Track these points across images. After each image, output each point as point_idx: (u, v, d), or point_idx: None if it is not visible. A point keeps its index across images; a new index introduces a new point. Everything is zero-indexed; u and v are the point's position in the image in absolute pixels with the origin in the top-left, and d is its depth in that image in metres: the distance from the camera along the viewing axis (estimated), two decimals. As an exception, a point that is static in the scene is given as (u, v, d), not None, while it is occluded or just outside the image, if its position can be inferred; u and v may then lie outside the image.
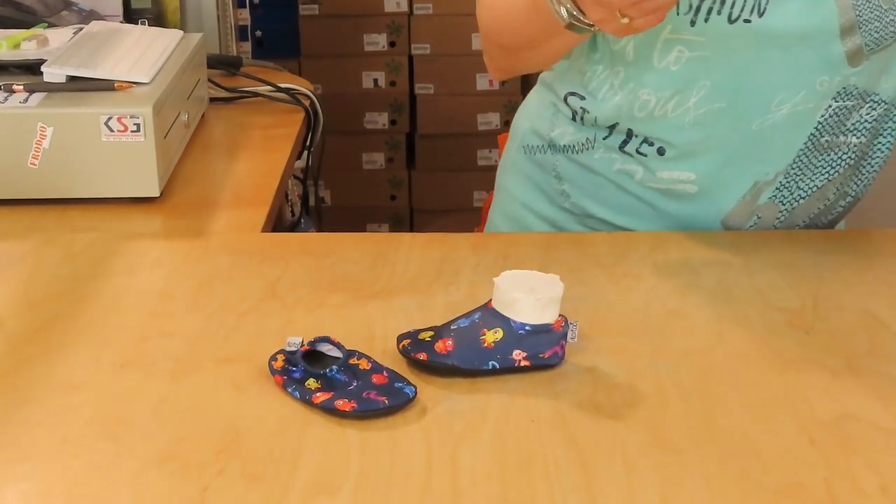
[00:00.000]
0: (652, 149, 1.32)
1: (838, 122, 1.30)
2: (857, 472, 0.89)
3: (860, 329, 1.12)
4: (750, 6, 1.21)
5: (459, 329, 1.03)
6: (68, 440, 0.93)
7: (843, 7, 1.22)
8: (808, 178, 1.32)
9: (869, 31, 1.23)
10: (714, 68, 1.25)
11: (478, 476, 0.88)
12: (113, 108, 1.37)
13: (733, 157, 1.30)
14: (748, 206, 1.33)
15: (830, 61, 1.24)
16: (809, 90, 1.26)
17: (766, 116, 1.27)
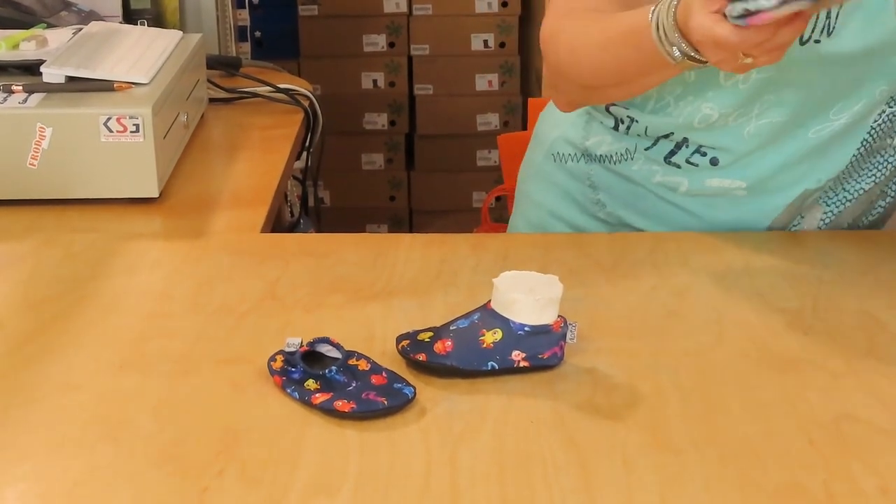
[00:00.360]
0: (704, 159, 1.31)
1: (890, 126, 1.30)
2: (856, 473, 0.89)
3: (859, 330, 1.12)
4: (821, 27, 1.22)
5: (459, 330, 1.03)
6: (68, 441, 0.93)
7: None
8: (854, 182, 1.33)
9: None
10: (780, 85, 1.25)
11: (477, 477, 0.88)
12: (112, 109, 1.36)
13: (787, 164, 1.30)
14: (795, 210, 1.33)
15: (890, 71, 1.25)
16: (869, 99, 1.27)
17: (825, 125, 1.28)
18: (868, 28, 1.22)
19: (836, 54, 1.23)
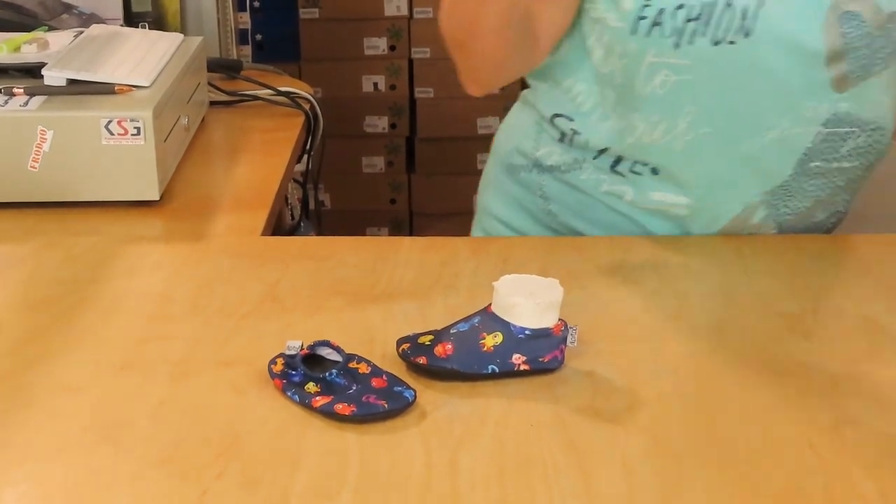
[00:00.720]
0: (646, 168, 1.32)
1: (830, 148, 1.29)
2: (856, 478, 0.89)
3: (860, 334, 1.12)
4: (736, 27, 1.21)
5: (459, 333, 1.03)
6: (67, 443, 0.93)
7: (830, 34, 1.21)
8: (796, 200, 1.32)
9: (857, 57, 1.23)
10: (700, 93, 1.25)
11: (477, 480, 0.88)
12: (113, 112, 1.37)
13: (723, 180, 1.30)
14: (741, 225, 1.33)
15: (816, 87, 1.24)
16: (796, 116, 1.25)
17: (755, 140, 1.27)
18: (790, 36, 1.21)
19: (754, 60, 1.22)
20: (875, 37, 1.22)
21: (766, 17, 1.20)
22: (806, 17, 1.21)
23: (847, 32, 1.21)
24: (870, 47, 1.23)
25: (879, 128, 1.30)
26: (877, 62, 1.24)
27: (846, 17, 1.21)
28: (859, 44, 1.22)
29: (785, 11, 1.21)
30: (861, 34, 1.22)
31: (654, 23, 1.22)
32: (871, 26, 1.22)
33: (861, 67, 1.24)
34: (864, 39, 1.22)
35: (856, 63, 1.23)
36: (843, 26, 1.21)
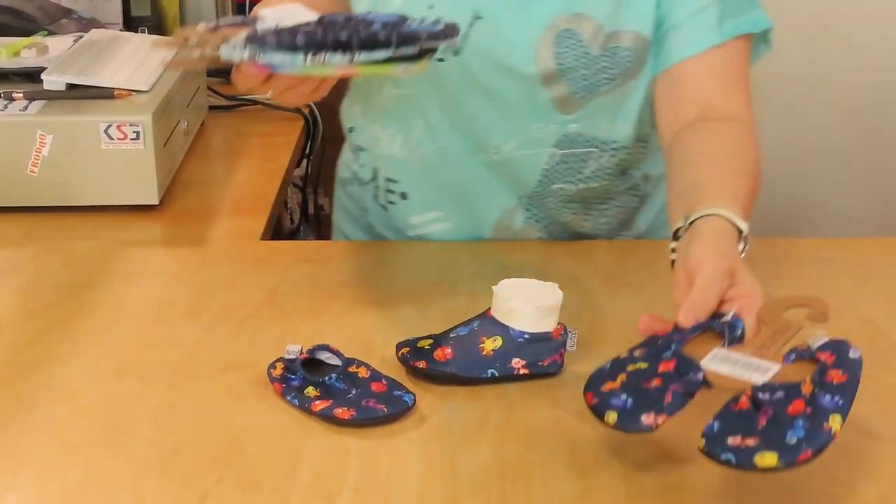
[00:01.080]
0: (395, 195, 1.34)
1: (571, 170, 1.29)
2: (856, 482, 0.89)
3: (859, 338, 1.11)
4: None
5: (458, 337, 1.03)
6: (67, 447, 0.93)
7: (542, 56, 1.21)
8: (551, 214, 1.33)
9: (575, 79, 1.22)
10: (426, 107, 1.26)
11: (476, 484, 0.88)
12: (112, 116, 1.37)
13: (472, 191, 1.31)
14: (505, 231, 1.34)
15: (539, 108, 1.24)
16: (524, 136, 1.26)
17: (490, 156, 1.27)
18: (500, 57, 1.22)
19: (469, 78, 1.22)
20: (595, 57, 1.22)
21: (476, 37, 1.21)
22: (519, 38, 1.21)
23: (561, 53, 1.21)
24: (590, 68, 1.22)
25: (623, 147, 1.29)
26: (602, 83, 1.23)
27: (563, 37, 1.21)
28: (576, 64, 1.21)
29: (497, 32, 1.21)
30: (578, 54, 1.21)
31: None
32: (592, 46, 1.22)
33: (584, 88, 1.23)
34: (583, 60, 1.21)
35: (577, 84, 1.23)
36: (558, 47, 1.21)
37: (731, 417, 0.83)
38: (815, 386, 0.83)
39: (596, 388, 0.89)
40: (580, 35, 1.21)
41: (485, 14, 1.21)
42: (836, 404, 0.81)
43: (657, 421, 0.84)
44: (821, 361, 0.86)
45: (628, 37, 1.22)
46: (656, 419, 0.84)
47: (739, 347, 0.91)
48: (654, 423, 0.84)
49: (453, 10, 1.20)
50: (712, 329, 0.94)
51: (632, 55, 1.22)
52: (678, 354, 0.90)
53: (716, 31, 1.22)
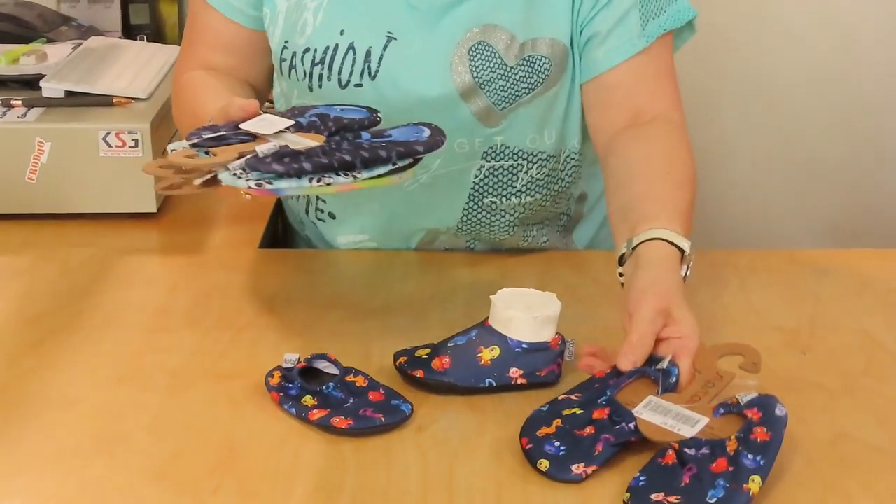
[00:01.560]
0: (324, 214, 1.34)
1: (501, 183, 1.28)
2: (853, 493, 0.89)
3: (857, 349, 1.12)
4: (359, 70, 1.22)
5: (456, 347, 1.03)
6: (64, 455, 0.93)
7: (459, 72, 1.21)
8: (485, 233, 1.32)
9: (494, 90, 1.22)
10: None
11: (474, 494, 0.88)
12: (111, 124, 1.37)
13: (397, 214, 1.30)
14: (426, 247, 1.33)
15: (462, 123, 1.23)
16: (450, 153, 1.25)
17: (414, 178, 1.26)
18: (416, 77, 1.21)
19: (387, 100, 1.21)
20: (511, 68, 1.22)
21: (390, 59, 1.21)
22: (433, 55, 1.21)
23: (476, 66, 1.21)
24: (507, 79, 1.22)
25: (551, 156, 1.29)
26: (522, 93, 1.23)
27: (477, 50, 1.21)
28: (493, 76, 1.21)
29: (411, 52, 1.21)
30: (494, 66, 1.21)
31: (291, 66, 1.25)
32: (507, 57, 1.21)
33: (503, 100, 1.23)
34: (499, 71, 1.21)
35: (496, 95, 1.22)
36: (472, 60, 1.21)
37: (657, 472, 0.88)
38: (739, 444, 0.88)
39: (531, 434, 0.93)
40: (494, 46, 1.21)
41: (397, 34, 1.21)
42: (758, 464, 0.87)
43: (587, 471, 0.89)
44: (748, 418, 0.91)
45: (544, 44, 1.22)
46: (585, 469, 0.89)
47: (672, 397, 0.95)
48: (584, 473, 0.89)
49: (367, 33, 1.22)
50: (647, 375, 0.98)
51: (550, 62, 1.22)
52: (612, 402, 0.95)
53: (640, 37, 1.23)
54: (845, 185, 2.28)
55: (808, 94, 2.23)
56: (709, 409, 0.93)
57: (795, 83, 2.22)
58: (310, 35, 1.23)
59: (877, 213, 2.29)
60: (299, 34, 1.24)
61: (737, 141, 2.24)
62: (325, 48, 1.22)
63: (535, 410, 0.96)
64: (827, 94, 2.23)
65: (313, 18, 1.23)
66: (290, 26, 1.24)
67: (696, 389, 0.95)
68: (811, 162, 2.28)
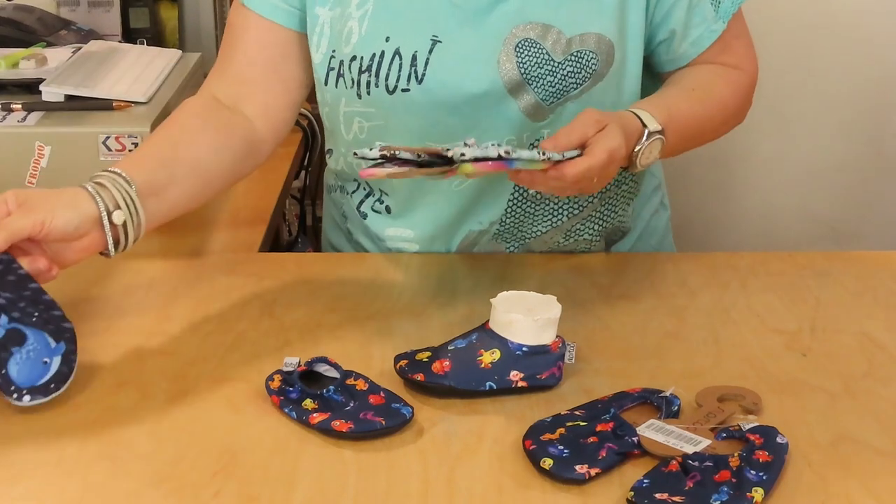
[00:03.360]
0: (382, 206, 1.34)
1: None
2: (854, 495, 0.89)
3: (858, 351, 1.12)
4: (406, 75, 1.23)
5: (457, 350, 1.03)
6: (64, 460, 0.93)
7: (505, 68, 1.22)
8: (528, 226, 1.32)
9: (542, 86, 1.23)
10: (398, 133, 1.26)
11: (475, 497, 0.88)
12: (111, 128, 1.37)
13: (446, 213, 1.31)
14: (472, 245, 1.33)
15: (509, 120, 1.24)
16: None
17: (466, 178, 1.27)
18: (462, 76, 1.22)
19: (435, 102, 1.23)
20: (559, 63, 1.22)
21: (437, 61, 1.22)
22: (479, 54, 1.22)
23: (523, 62, 1.21)
24: (555, 74, 1.22)
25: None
26: (570, 87, 1.23)
27: (523, 47, 1.21)
28: (540, 72, 1.22)
29: (456, 53, 1.22)
30: (541, 62, 1.22)
31: (339, 74, 1.26)
32: (554, 53, 1.22)
33: (552, 95, 1.23)
34: (546, 66, 1.22)
35: (544, 91, 1.23)
36: (519, 56, 1.21)
37: (661, 477, 0.88)
38: (742, 461, 0.89)
39: (535, 437, 0.93)
40: (541, 42, 1.21)
41: (442, 36, 1.22)
42: (761, 478, 0.87)
43: (590, 472, 0.89)
44: (750, 440, 0.92)
45: (592, 39, 1.22)
46: (589, 470, 0.89)
47: (674, 422, 0.96)
48: (587, 474, 0.89)
49: (412, 37, 1.23)
50: (650, 402, 0.99)
51: (597, 57, 1.23)
52: (616, 418, 0.96)
53: (716, 21, 1.26)
54: (846, 187, 2.28)
55: (808, 96, 2.23)
56: (710, 434, 0.94)
57: (796, 84, 2.22)
58: (356, 43, 1.24)
59: (877, 215, 2.29)
60: (345, 43, 1.25)
61: (738, 143, 2.24)
62: (372, 55, 1.24)
63: (539, 421, 0.96)
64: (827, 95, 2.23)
65: (359, 27, 1.25)
66: (336, 35, 1.26)
67: (698, 418, 0.97)
68: (811, 164, 2.28)
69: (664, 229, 1.44)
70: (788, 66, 2.20)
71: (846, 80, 2.22)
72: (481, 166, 1.02)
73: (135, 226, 1.09)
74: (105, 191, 1.07)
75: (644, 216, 1.40)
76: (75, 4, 1.93)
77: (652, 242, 1.42)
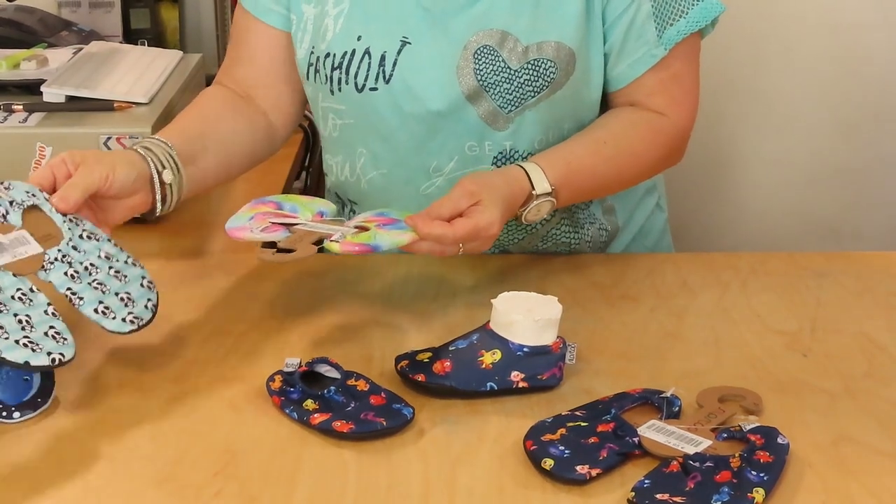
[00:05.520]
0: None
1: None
2: (854, 496, 0.89)
3: (858, 352, 1.12)
4: (374, 74, 1.24)
5: (457, 350, 1.03)
6: (65, 461, 0.93)
7: (464, 74, 1.22)
8: (503, 237, 1.32)
9: (499, 93, 1.23)
10: (365, 135, 1.28)
11: (475, 498, 0.88)
12: (112, 129, 1.37)
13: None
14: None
15: (470, 127, 1.25)
16: (461, 156, 1.26)
17: (430, 181, 1.28)
18: (426, 80, 1.23)
19: (401, 104, 1.25)
20: (515, 71, 1.22)
21: (404, 63, 1.23)
22: (441, 59, 1.23)
23: (480, 69, 1.22)
24: (512, 82, 1.22)
25: None
26: (527, 96, 1.23)
27: (482, 54, 1.22)
28: (497, 79, 1.22)
29: (423, 55, 1.23)
30: (497, 69, 1.22)
31: (316, 70, 1.29)
32: (511, 61, 1.22)
33: (509, 103, 1.24)
34: (503, 74, 1.22)
35: (501, 99, 1.23)
36: (477, 63, 1.22)
37: (662, 477, 0.89)
38: (742, 462, 0.89)
39: (536, 438, 0.93)
40: (498, 50, 1.22)
41: (411, 38, 1.24)
42: (762, 479, 0.87)
43: (591, 472, 0.89)
44: (751, 441, 0.92)
45: (550, 47, 1.22)
46: (590, 471, 0.89)
47: (675, 422, 0.96)
48: (588, 475, 0.89)
49: (383, 38, 1.25)
50: (651, 402, 0.99)
51: (555, 66, 1.22)
52: (617, 419, 0.96)
53: (656, 46, 1.24)
54: (846, 187, 2.28)
55: (808, 97, 2.23)
56: (711, 434, 0.94)
57: (796, 85, 2.22)
58: (330, 40, 1.27)
59: (878, 216, 2.29)
60: (321, 39, 1.27)
61: (737, 143, 2.24)
62: (344, 53, 1.26)
63: (540, 421, 0.96)
64: (827, 96, 2.23)
65: (334, 24, 1.27)
66: (316, 31, 1.28)
67: (699, 418, 0.97)
68: (811, 164, 2.28)
69: (661, 231, 1.44)
70: (788, 67, 2.20)
71: (846, 81, 2.22)
72: (347, 249, 1.06)
73: (178, 188, 1.17)
74: (152, 154, 1.15)
75: (637, 218, 1.40)
76: (76, 5, 1.93)
77: (647, 244, 1.42)
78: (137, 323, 1.02)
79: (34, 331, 0.95)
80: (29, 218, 1.07)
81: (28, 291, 0.98)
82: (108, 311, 1.02)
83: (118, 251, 1.09)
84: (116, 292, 1.04)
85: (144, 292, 1.06)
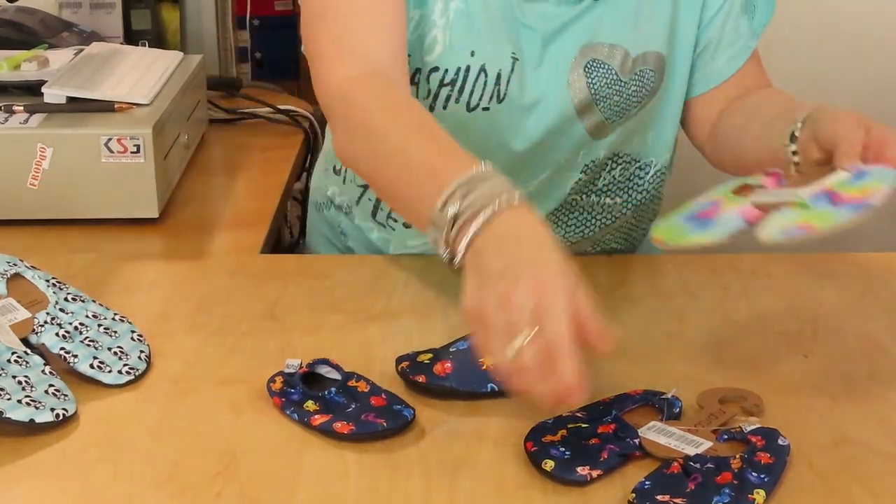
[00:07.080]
0: (397, 223, 1.34)
1: (587, 183, 1.30)
2: (856, 497, 0.89)
3: (859, 353, 1.12)
4: (489, 94, 1.21)
5: (458, 351, 1.03)
6: (65, 461, 0.93)
7: (576, 89, 1.22)
8: (559, 237, 1.31)
9: (608, 105, 1.23)
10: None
11: (476, 499, 0.88)
12: (113, 130, 1.37)
13: None
14: None
15: (574, 140, 1.25)
16: (555, 168, 1.26)
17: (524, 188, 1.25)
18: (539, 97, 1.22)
19: (508, 123, 1.23)
20: (625, 83, 1.23)
21: (517, 80, 1.21)
22: (554, 75, 1.22)
23: (593, 83, 1.22)
24: (621, 94, 1.23)
25: (634, 160, 1.30)
26: (631, 106, 1.24)
27: (592, 67, 1.21)
28: (608, 91, 1.22)
29: (536, 72, 1.21)
30: (609, 82, 1.22)
31: (412, 83, 1.21)
32: (620, 73, 1.22)
33: (615, 114, 1.24)
34: (614, 87, 1.22)
35: (609, 111, 1.24)
36: (589, 76, 1.22)
37: (662, 479, 0.88)
38: (743, 463, 0.89)
39: (536, 439, 0.93)
40: (609, 63, 1.21)
41: (519, 55, 1.21)
42: (762, 480, 0.87)
43: (591, 474, 0.89)
44: (751, 442, 0.92)
45: (652, 57, 1.22)
46: (591, 472, 0.89)
47: (675, 423, 0.96)
48: (589, 476, 0.89)
49: (495, 55, 1.21)
50: (652, 404, 0.99)
51: (655, 74, 1.23)
52: (618, 420, 0.96)
53: (751, 38, 1.26)
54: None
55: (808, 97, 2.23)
56: (712, 436, 0.94)
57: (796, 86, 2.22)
58: (440, 54, 1.20)
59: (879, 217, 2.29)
60: (427, 51, 1.20)
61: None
62: (457, 69, 1.20)
63: (540, 422, 0.96)
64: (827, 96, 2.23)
65: (443, 37, 1.20)
66: (417, 40, 1.20)
67: (700, 420, 0.97)
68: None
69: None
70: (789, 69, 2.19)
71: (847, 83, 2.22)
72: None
73: None
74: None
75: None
76: (77, 6, 1.93)
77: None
78: (134, 373, 1.04)
79: (34, 390, 0.97)
80: (13, 286, 1.10)
81: (23, 354, 1.00)
82: (104, 366, 1.03)
83: (104, 310, 1.11)
84: (109, 347, 1.06)
85: (136, 345, 1.07)
